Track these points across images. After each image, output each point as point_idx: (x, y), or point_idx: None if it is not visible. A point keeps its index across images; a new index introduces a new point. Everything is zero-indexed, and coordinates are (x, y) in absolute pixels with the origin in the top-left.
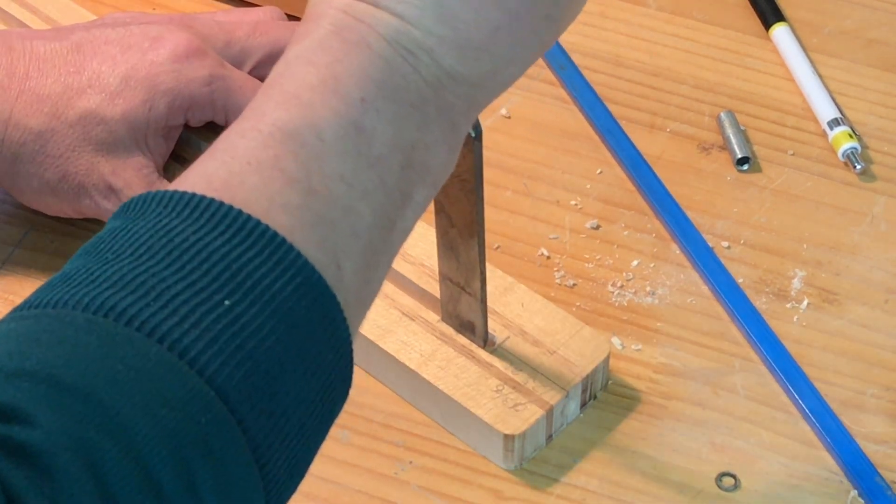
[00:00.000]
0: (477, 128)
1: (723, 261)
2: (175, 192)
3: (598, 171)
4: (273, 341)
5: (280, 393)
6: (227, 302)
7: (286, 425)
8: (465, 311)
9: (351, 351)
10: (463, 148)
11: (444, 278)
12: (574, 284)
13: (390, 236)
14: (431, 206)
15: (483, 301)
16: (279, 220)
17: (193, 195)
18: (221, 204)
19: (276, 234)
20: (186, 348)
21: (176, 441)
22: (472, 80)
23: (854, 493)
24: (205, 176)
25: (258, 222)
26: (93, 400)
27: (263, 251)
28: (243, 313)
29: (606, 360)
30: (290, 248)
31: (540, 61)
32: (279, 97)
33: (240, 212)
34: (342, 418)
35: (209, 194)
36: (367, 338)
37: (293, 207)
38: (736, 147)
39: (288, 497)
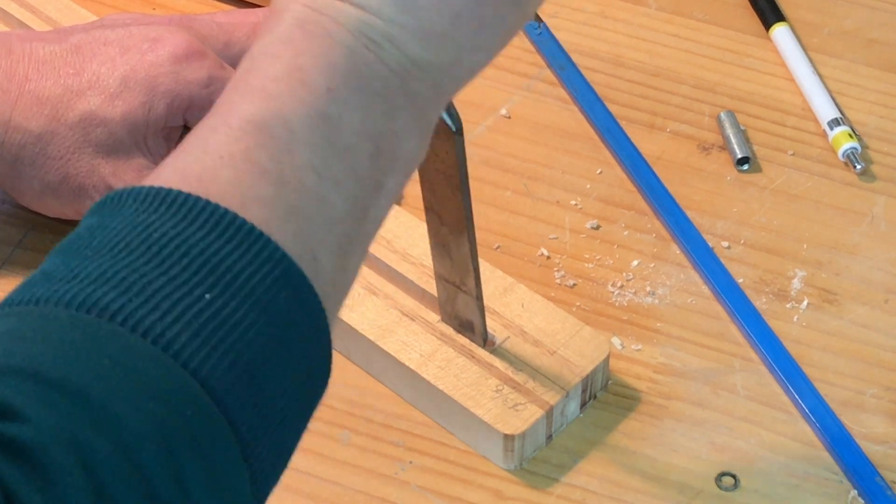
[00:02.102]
0: (457, 122)
1: (723, 261)
2: (151, 187)
3: (598, 171)
4: (255, 333)
5: (263, 384)
6: (207, 295)
7: (270, 415)
8: (462, 310)
9: (330, 340)
10: (445, 143)
11: (440, 278)
12: (574, 284)
13: (364, 225)
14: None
15: (479, 298)
16: (254, 212)
17: (170, 190)
18: (198, 199)
19: (252, 228)
20: (170, 342)
21: (164, 433)
22: (438, 67)
23: (854, 493)
24: (179, 171)
25: (235, 216)
26: (80, 395)
27: (241, 244)
28: (224, 306)
29: (606, 360)
30: (268, 240)
31: (540, 61)
32: (246, 91)
33: (216, 206)
34: (342, 418)
35: (184, 189)
36: (367, 338)
37: (267, 199)
38: (736, 147)
39: (273, 485)
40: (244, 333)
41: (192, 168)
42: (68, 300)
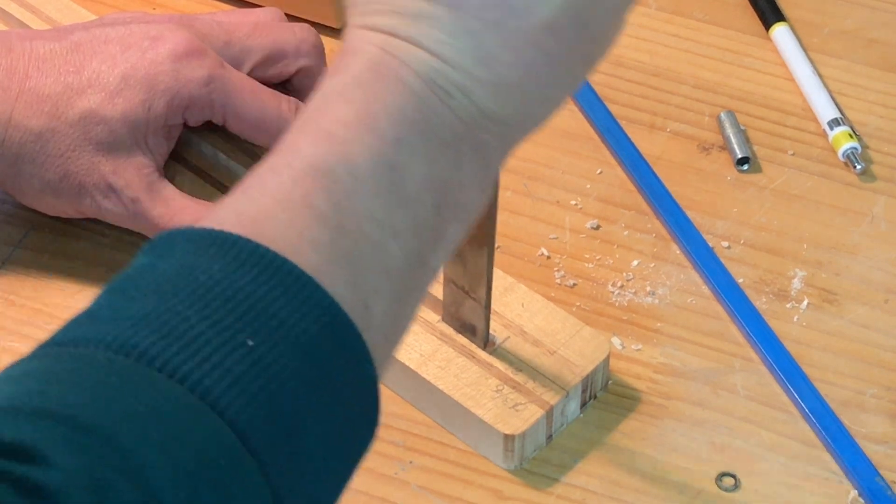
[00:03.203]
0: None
1: (723, 261)
2: (202, 228)
3: (598, 171)
4: (296, 383)
5: (302, 436)
6: (250, 342)
7: (308, 468)
8: (467, 315)
9: (378, 392)
10: None
11: (449, 281)
12: (574, 284)
13: (421, 275)
14: None
15: (487, 307)
16: (307, 257)
17: (220, 232)
18: (248, 241)
19: (302, 273)
20: (207, 389)
21: (194, 483)
22: (507, 119)
23: (854, 493)
24: (235, 212)
25: (285, 260)
26: (111, 440)
27: (289, 290)
28: (266, 354)
29: (606, 360)
30: (317, 286)
31: None
32: (313, 133)
33: (266, 249)
34: None
35: (237, 231)
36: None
37: (322, 245)
38: (736, 147)
39: None
40: (285, 383)
41: (249, 210)
42: (108, 342)
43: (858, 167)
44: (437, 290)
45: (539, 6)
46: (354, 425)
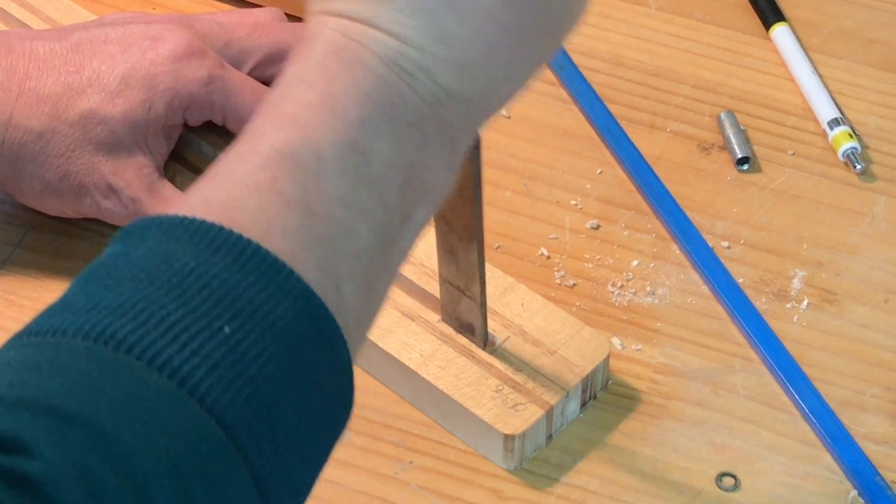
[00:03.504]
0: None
1: (723, 261)
2: (174, 216)
3: (598, 171)
4: (273, 367)
5: (281, 419)
6: (226, 328)
7: (288, 451)
8: (464, 314)
9: (352, 374)
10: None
11: (444, 281)
12: (574, 284)
13: (390, 256)
14: None
15: (483, 305)
16: (278, 243)
17: (193, 220)
18: (221, 228)
19: (275, 259)
20: (186, 376)
21: (177, 470)
22: (471, 98)
23: (854, 493)
24: (204, 199)
25: (258, 246)
26: (94, 429)
27: (263, 276)
28: (243, 339)
29: (606, 360)
30: (290, 272)
31: None
32: (277, 118)
33: (239, 236)
34: None
35: (208, 218)
36: (367, 338)
37: (292, 230)
38: (736, 147)
39: None
40: (262, 367)
41: (218, 196)
42: (86, 332)
43: (858, 167)
44: (436, 289)
45: None
46: (330, 408)
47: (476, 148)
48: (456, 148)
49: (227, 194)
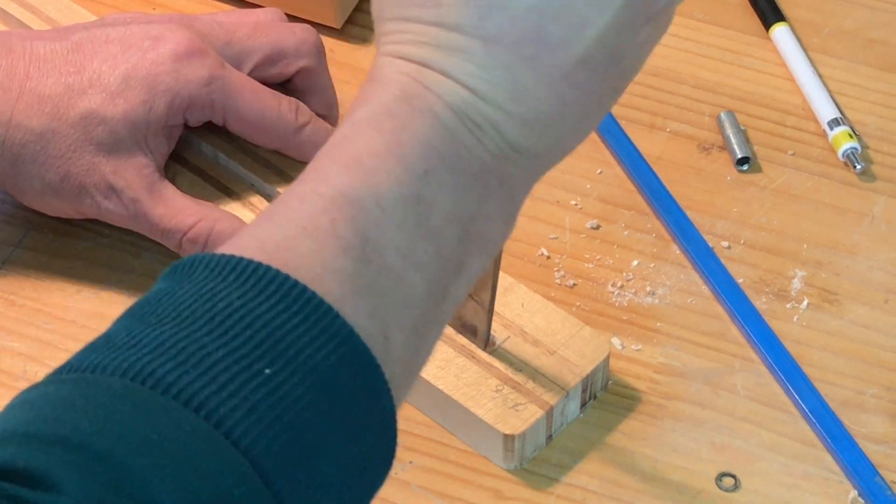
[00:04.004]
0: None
1: (723, 261)
2: (223, 255)
3: (598, 171)
4: (313, 413)
5: (318, 465)
6: (267, 371)
7: (323, 499)
8: (469, 316)
9: (395, 424)
10: None
11: None
12: (574, 284)
13: (442, 306)
14: None
15: (490, 311)
16: (329, 287)
17: (241, 259)
18: (269, 268)
19: (322, 302)
20: (223, 418)
21: None
22: (536, 153)
23: (854, 493)
24: (258, 239)
25: (305, 288)
26: (123, 469)
27: (309, 318)
28: (284, 383)
29: (606, 360)
30: (337, 316)
31: None
32: (343, 161)
33: (287, 277)
34: None
35: (261, 258)
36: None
37: (345, 275)
38: (736, 147)
39: None
40: (302, 412)
41: (273, 236)
42: (124, 369)
43: (858, 167)
44: None
45: (574, 41)
46: (370, 457)
47: None
48: (515, 200)
49: (282, 235)
